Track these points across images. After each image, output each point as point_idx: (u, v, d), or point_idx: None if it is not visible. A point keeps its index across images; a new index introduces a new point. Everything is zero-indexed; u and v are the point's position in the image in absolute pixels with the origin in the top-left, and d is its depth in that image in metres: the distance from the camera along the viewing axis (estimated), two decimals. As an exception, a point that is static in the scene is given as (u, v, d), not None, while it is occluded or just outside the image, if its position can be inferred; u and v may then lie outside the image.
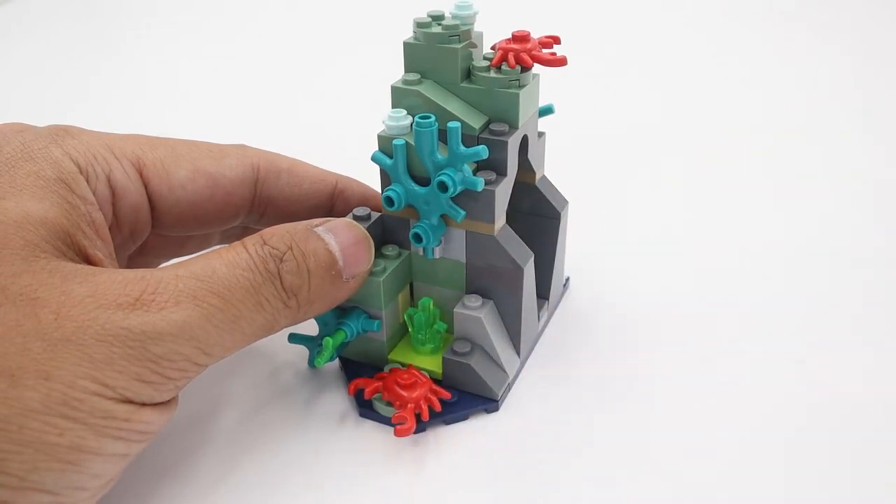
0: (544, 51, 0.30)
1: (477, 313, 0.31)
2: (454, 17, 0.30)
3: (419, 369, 0.32)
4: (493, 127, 0.30)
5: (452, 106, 0.30)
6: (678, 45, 0.76)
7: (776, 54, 0.72)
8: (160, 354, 0.23)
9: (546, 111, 0.34)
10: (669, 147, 0.55)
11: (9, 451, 0.21)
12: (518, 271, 0.31)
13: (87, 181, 0.28)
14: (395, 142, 0.30)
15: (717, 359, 0.34)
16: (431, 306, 0.33)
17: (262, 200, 0.34)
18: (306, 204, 0.35)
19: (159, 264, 0.36)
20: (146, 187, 0.30)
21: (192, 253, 0.36)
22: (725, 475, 0.29)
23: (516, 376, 0.33)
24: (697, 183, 0.50)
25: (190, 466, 0.30)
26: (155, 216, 0.31)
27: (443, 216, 0.31)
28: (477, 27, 0.31)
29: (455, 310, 0.32)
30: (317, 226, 0.29)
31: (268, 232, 0.28)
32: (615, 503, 0.28)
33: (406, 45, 0.31)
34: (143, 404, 0.24)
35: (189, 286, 0.25)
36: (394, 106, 0.31)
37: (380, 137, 0.31)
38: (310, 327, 0.34)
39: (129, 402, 0.23)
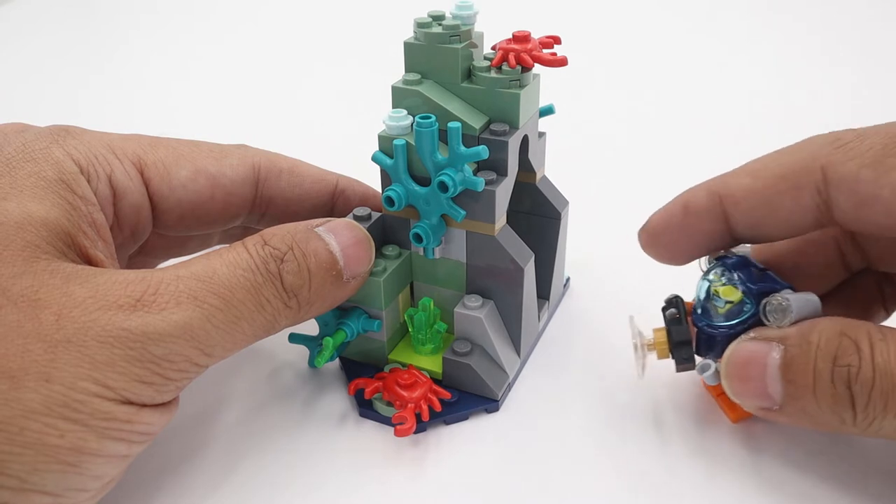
0: (545, 51, 0.30)
1: (477, 313, 0.31)
2: (454, 17, 0.30)
3: (419, 369, 0.32)
4: (494, 127, 0.30)
5: (453, 106, 0.30)
6: (679, 46, 0.76)
7: (778, 55, 0.72)
8: (161, 355, 0.24)
9: (546, 111, 0.34)
10: (670, 147, 0.55)
11: (10, 453, 0.21)
12: (518, 271, 0.31)
13: (89, 181, 0.28)
14: (395, 142, 0.30)
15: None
16: (432, 306, 0.33)
17: (263, 200, 0.34)
18: (307, 204, 0.35)
19: (159, 264, 0.36)
20: (147, 187, 0.30)
21: (192, 253, 0.36)
22: (727, 472, 0.29)
23: (516, 376, 0.33)
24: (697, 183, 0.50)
25: (190, 467, 0.30)
26: (156, 216, 0.31)
27: (443, 216, 0.31)
28: (477, 27, 0.31)
29: (455, 310, 0.32)
30: (317, 226, 0.29)
31: (268, 232, 0.28)
32: (616, 503, 0.28)
33: (406, 45, 0.31)
34: (144, 405, 0.24)
35: (190, 287, 0.25)
36: (394, 106, 0.31)
37: (380, 137, 0.31)
38: (310, 327, 0.34)
39: (130, 403, 0.23)
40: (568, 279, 0.39)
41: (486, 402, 0.32)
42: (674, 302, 0.30)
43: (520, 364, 0.33)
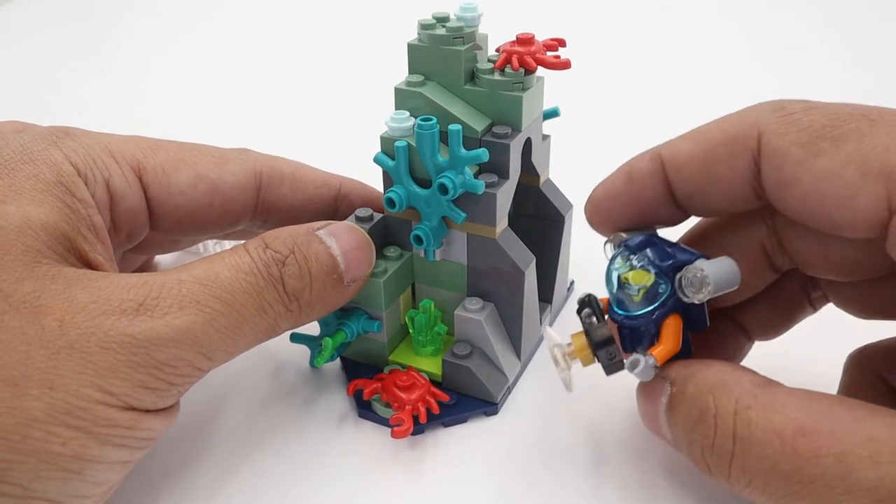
0: (549, 54, 0.30)
1: (477, 316, 0.31)
2: (458, 18, 0.30)
3: (419, 371, 0.32)
4: (496, 129, 0.30)
5: (455, 108, 0.30)
6: (683, 49, 0.76)
7: (780, 56, 0.72)
8: (164, 360, 0.23)
9: (551, 114, 0.34)
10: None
11: (12, 461, 0.21)
12: (519, 274, 0.31)
13: (86, 185, 0.27)
14: (396, 143, 0.29)
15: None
16: (433, 308, 0.32)
17: (265, 207, 0.33)
18: (310, 209, 0.34)
19: (152, 258, 0.36)
20: (145, 192, 0.30)
21: (184, 248, 0.36)
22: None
23: (516, 380, 0.33)
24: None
25: (190, 468, 0.30)
26: (153, 220, 0.31)
27: (444, 218, 0.31)
28: (481, 29, 0.31)
29: (455, 312, 0.32)
30: (318, 229, 0.29)
31: (269, 235, 0.28)
32: (616, 508, 0.28)
33: (410, 46, 0.31)
34: (147, 411, 0.24)
35: (192, 291, 0.24)
36: (397, 107, 0.31)
37: (382, 139, 0.31)
38: (311, 327, 0.34)
39: (133, 409, 0.23)
40: (572, 283, 0.39)
41: (485, 405, 0.32)
42: (587, 301, 0.27)
43: (520, 367, 0.33)
